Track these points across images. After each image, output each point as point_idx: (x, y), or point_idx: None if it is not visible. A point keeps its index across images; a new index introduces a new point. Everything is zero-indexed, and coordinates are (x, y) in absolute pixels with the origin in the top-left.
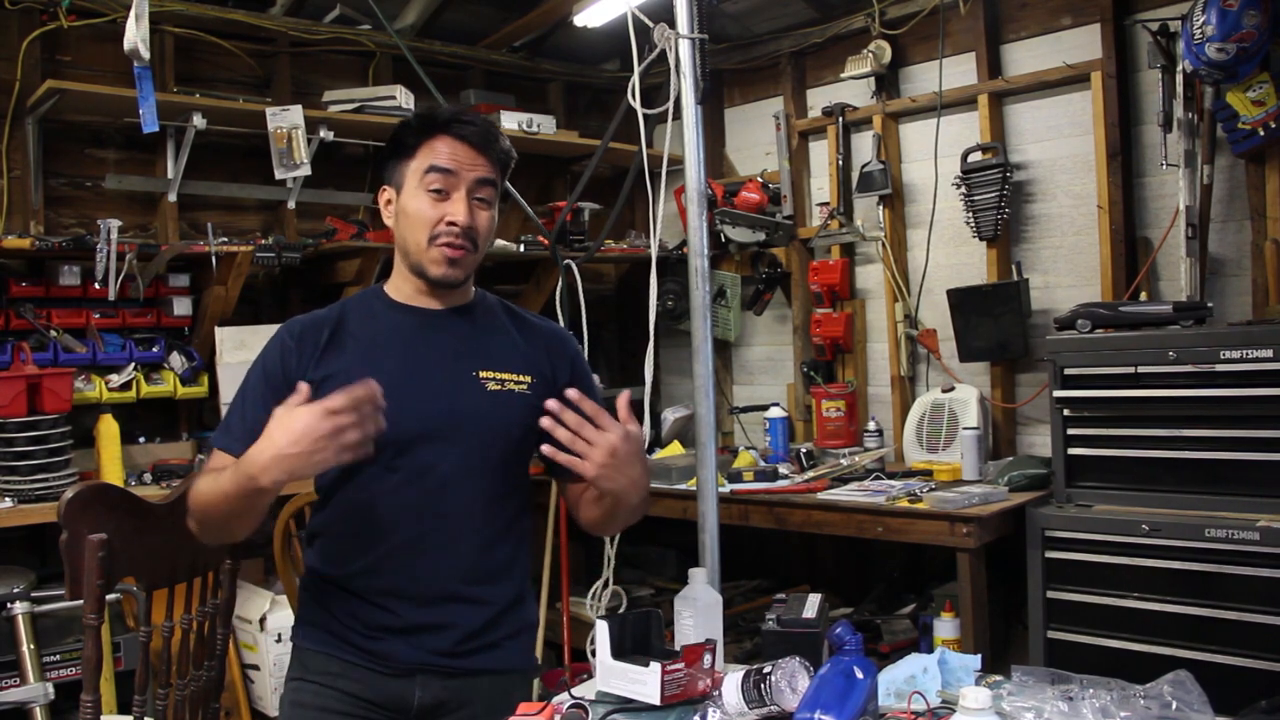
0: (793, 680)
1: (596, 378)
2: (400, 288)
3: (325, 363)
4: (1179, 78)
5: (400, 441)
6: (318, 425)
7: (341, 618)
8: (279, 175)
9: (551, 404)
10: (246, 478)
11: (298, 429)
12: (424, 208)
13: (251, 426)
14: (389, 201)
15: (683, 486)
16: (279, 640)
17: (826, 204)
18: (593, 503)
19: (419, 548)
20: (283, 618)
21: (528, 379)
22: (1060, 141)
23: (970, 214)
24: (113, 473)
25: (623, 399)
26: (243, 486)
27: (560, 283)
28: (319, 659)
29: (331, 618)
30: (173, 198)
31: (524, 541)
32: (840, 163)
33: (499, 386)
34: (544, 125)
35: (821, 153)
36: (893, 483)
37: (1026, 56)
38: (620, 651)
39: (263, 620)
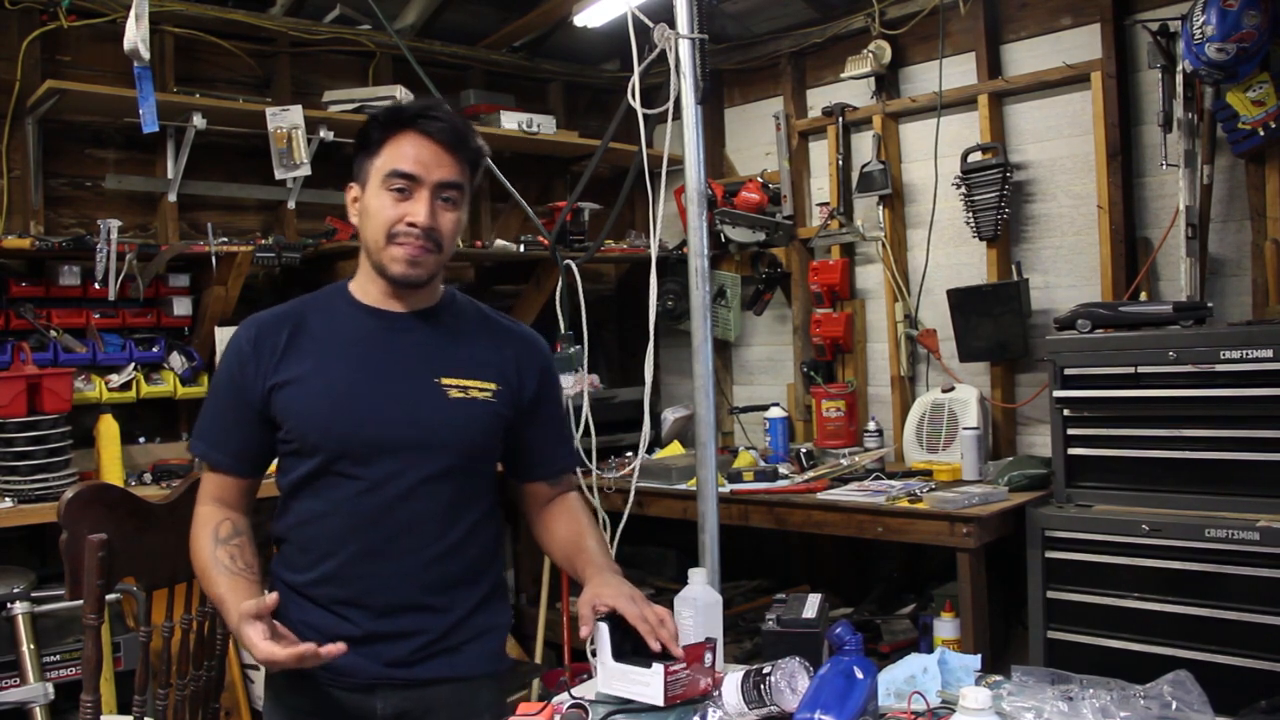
0: (793, 680)
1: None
2: (365, 288)
3: (284, 367)
4: (1179, 78)
5: (359, 451)
6: (263, 655)
7: (299, 629)
8: (279, 175)
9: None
10: (224, 614)
11: (255, 650)
12: (384, 206)
13: (223, 433)
14: (355, 199)
15: (683, 486)
16: None
17: (826, 204)
18: (555, 538)
19: (378, 558)
20: None
21: (492, 386)
22: (1060, 141)
23: (970, 214)
24: (113, 473)
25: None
26: (220, 609)
27: (560, 283)
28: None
29: (290, 625)
30: (173, 198)
31: (491, 545)
32: (840, 163)
33: (462, 394)
34: (544, 125)
35: (821, 153)
36: (893, 483)
37: (1026, 56)
38: (621, 653)
39: None
